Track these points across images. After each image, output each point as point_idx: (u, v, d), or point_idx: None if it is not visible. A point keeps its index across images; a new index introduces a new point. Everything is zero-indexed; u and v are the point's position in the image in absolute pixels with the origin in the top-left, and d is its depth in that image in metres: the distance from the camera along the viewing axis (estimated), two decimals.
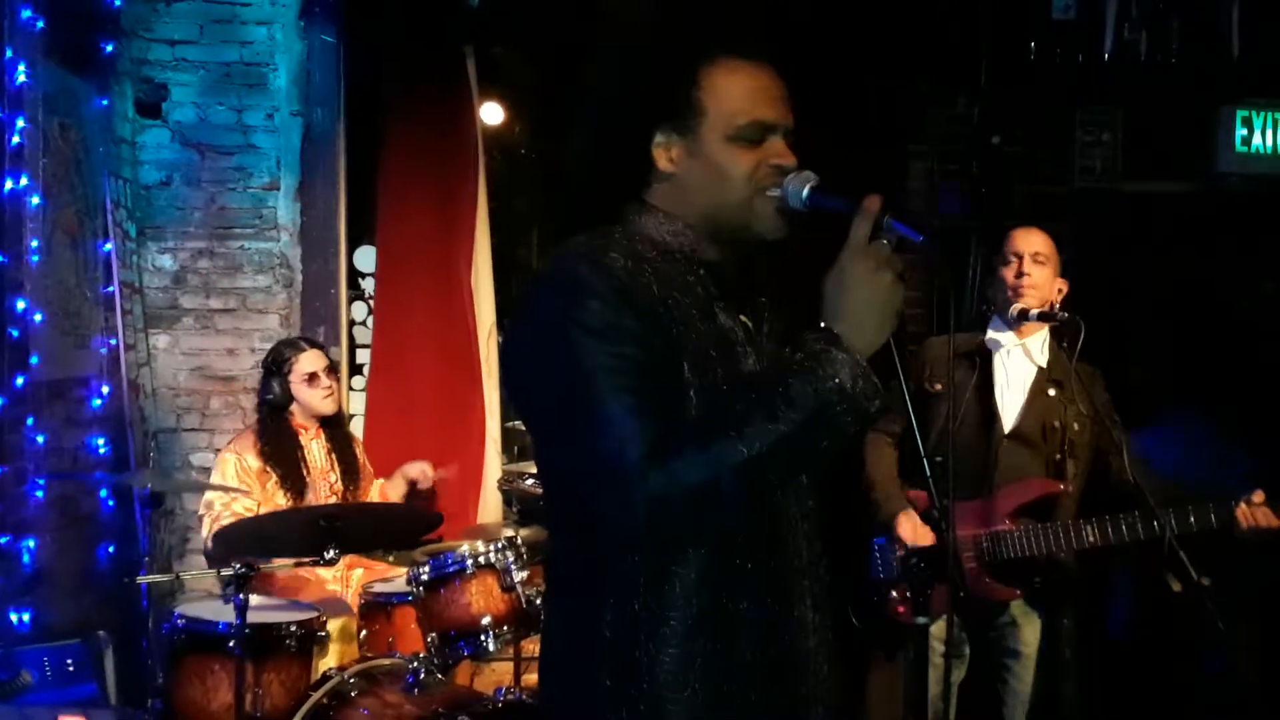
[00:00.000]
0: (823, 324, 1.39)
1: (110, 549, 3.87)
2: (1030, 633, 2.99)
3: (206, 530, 3.44)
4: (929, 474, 1.38)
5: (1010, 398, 2.95)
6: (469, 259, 4.63)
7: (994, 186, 5.04)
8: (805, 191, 1.46)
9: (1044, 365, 2.97)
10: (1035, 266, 2.96)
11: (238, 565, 2.78)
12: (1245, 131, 5.09)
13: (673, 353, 1.41)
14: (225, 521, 3.39)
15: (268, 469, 3.53)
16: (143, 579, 2.95)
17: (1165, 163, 5.13)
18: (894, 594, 2.79)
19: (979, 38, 4.81)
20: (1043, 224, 5.03)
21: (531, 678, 4.42)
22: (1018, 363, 2.98)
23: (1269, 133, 5.09)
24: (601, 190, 1.56)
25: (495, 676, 4.38)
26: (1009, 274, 2.95)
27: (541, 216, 6.40)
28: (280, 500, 3.53)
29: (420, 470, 3.79)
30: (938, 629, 2.73)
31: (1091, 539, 2.77)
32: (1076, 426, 2.91)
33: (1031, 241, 2.99)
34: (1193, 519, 2.68)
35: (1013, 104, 4.96)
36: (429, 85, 4.63)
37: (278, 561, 3.08)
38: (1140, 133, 5.10)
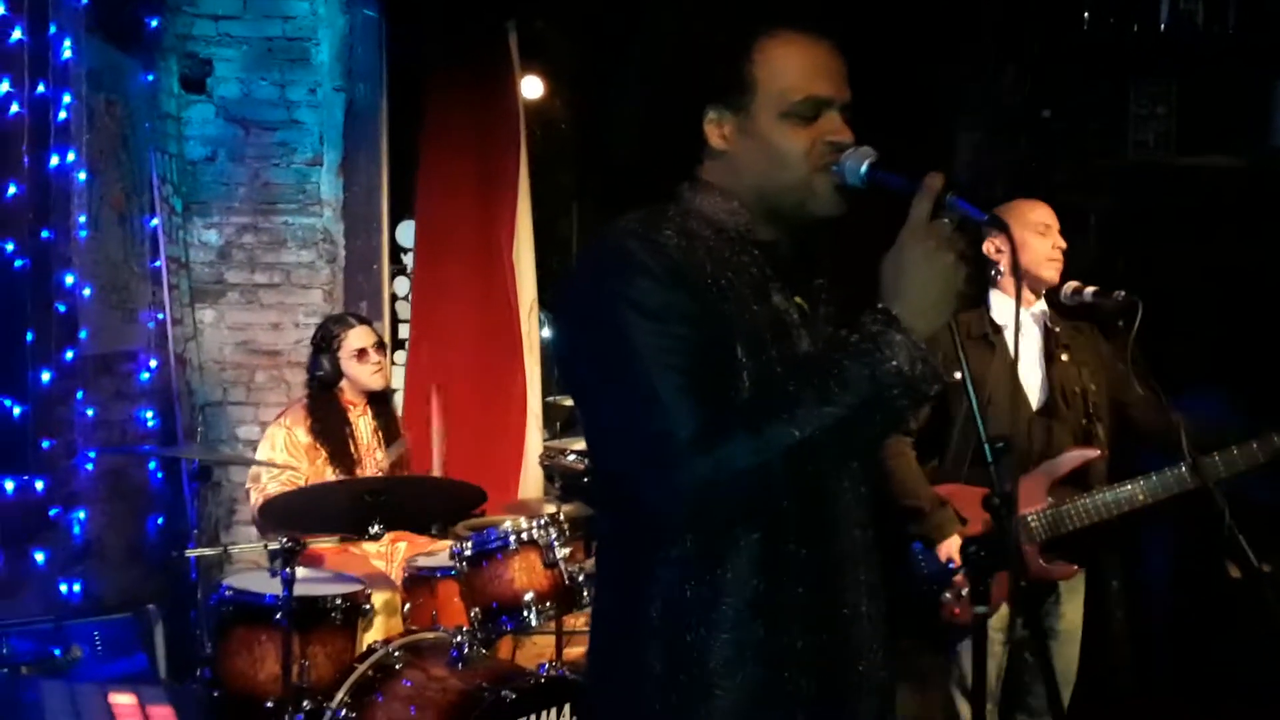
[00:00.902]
0: (880, 305, 1.36)
1: (159, 521, 3.92)
2: (1072, 609, 2.93)
3: (254, 501, 3.47)
4: (990, 460, 1.35)
5: (1029, 372, 2.88)
6: (510, 234, 4.61)
7: (1044, 160, 4.94)
8: (863, 168, 1.42)
9: (1055, 330, 2.89)
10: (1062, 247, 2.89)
11: (284, 540, 2.80)
12: None
13: (725, 334, 1.38)
14: (272, 491, 3.42)
15: (317, 445, 3.54)
16: (191, 552, 2.98)
17: (1220, 137, 5.01)
18: (947, 595, 2.72)
19: (1030, 8, 4.71)
20: (1095, 198, 4.98)
21: (573, 651, 4.44)
22: (1028, 335, 2.90)
23: None
24: (651, 167, 1.53)
25: (537, 650, 4.40)
26: (1044, 245, 2.84)
27: (581, 192, 6.37)
28: (329, 476, 3.54)
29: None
30: (997, 620, 2.68)
31: (1142, 498, 2.71)
32: (1094, 387, 2.85)
33: (1053, 216, 2.90)
34: (1240, 458, 2.65)
35: (1064, 76, 4.86)
36: (471, 60, 4.61)
37: (323, 537, 3.09)
38: (1195, 106, 4.97)
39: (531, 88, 5.02)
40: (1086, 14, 4.75)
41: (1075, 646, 2.93)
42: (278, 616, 2.90)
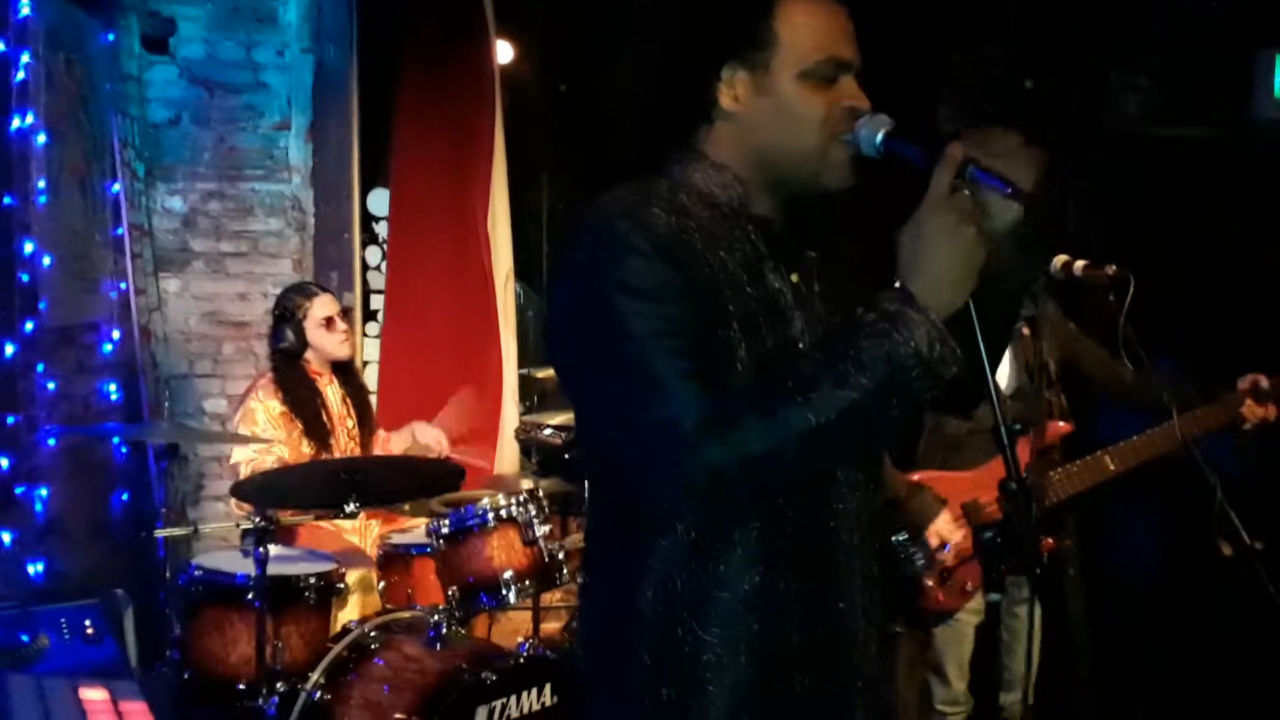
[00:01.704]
0: (897, 282, 1.29)
1: (124, 497, 3.82)
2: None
3: (246, 474, 3.38)
4: (1006, 443, 1.29)
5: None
6: (485, 203, 4.51)
7: (1025, 132, 4.90)
8: (879, 137, 1.36)
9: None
10: None
11: (257, 518, 2.72)
12: None
13: (719, 314, 1.32)
14: (269, 465, 3.34)
15: (291, 416, 3.47)
16: (160, 532, 2.89)
17: (1201, 108, 4.99)
18: (929, 584, 2.72)
19: None
20: (1075, 169, 4.95)
21: (549, 626, 4.40)
22: None
23: None
24: (653, 132, 1.45)
25: (513, 625, 4.36)
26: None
27: (551, 160, 6.27)
28: (305, 449, 3.47)
29: (435, 438, 3.70)
30: (975, 603, 2.69)
31: (1113, 466, 2.76)
32: (1051, 361, 2.87)
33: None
34: (1203, 416, 2.77)
35: (1046, 47, 4.81)
36: (445, 21, 4.48)
37: (297, 515, 3.02)
38: (1176, 77, 4.95)
39: (501, 52, 4.90)
40: None
41: (1038, 615, 2.97)
42: (250, 597, 2.83)
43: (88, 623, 1.76)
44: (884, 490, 2.64)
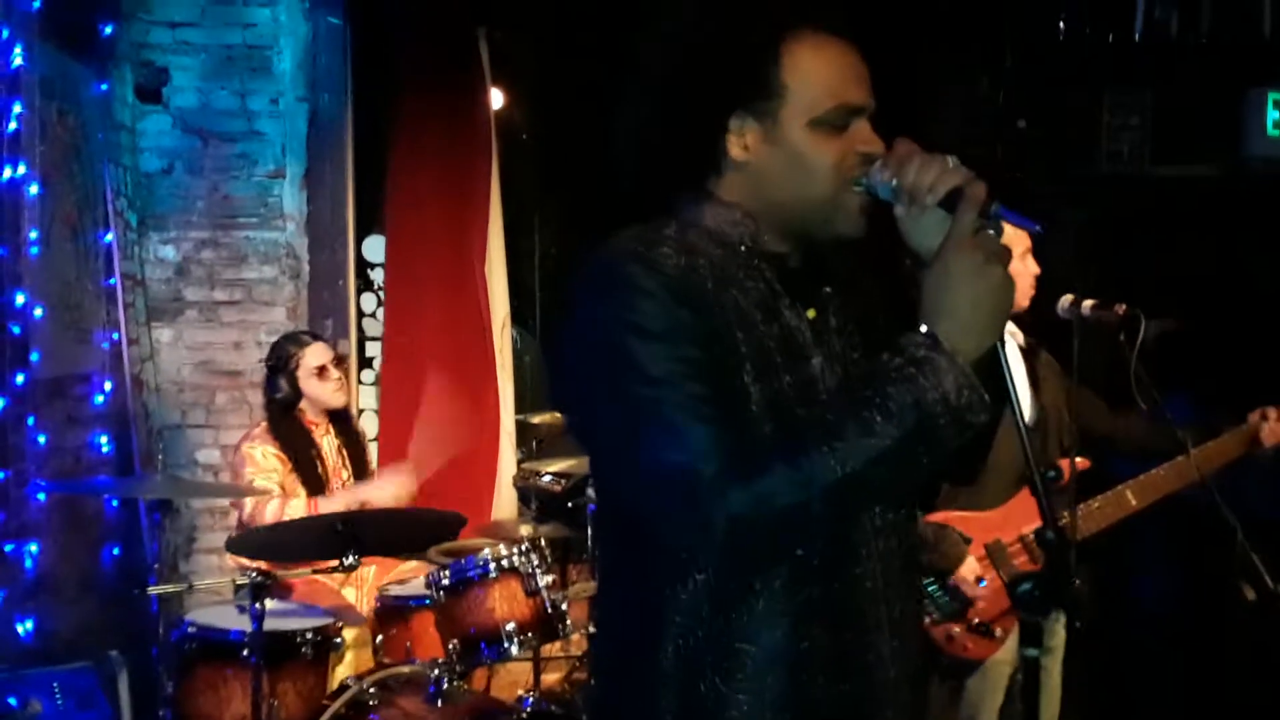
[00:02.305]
0: (924, 326, 1.25)
1: (115, 551, 3.74)
2: (1059, 625, 2.91)
3: (248, 512, 3.33)
4: (1041, 490, 1.25)
5: (1020, 388, 2.87)
6: (483, 249, 4.49)
7: (1019, 171, 4.92)
8: (896, 181, 1.32)
9: (1021, 346, 2.90)
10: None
11: (253, 573, 2.65)
12: (1277, 115, 4.96)
13: (732, 357, 1.28)
14: (274, 497, 3.29)
15: (288, 464, 3.44)
16: (153, 589, 2.81)
17: (1194, 146, 5.01)
18: (956, 631, 2.65)
19: (1006, 17, 4.69)
20: (1070, 207, 4.96)
21: (549, 678, 4.31)
22: (1012, 352, 2.89)
23: None
24: (660, 182, 1.41)
25: (512, 677, 4.27)
26: (1026, 274, 2.82)
27: (543, 202, 6.27)
28: (300, 494, 3.43)
29: (391, 496, 3.52)
30: (1004, 652, 2.63)
31: (1134, 501, 2.73)
32: (1059, 401, 2.87)
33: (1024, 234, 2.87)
34: (1215, 450, 2.74)
35: (1039, 86, 4.84)
36: (440, 69, 4.49)
37: (295, 569, 2.96)
38: (1170, 116, 4.97)
39: (494, 97, 4.90)
40: (1062, 23, 4.73)
41: (1060, 664, 2.91)
42: (245, 653, 2.75)
43: (81, 686, 1.69)
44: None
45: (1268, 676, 2.59)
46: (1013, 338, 2.89)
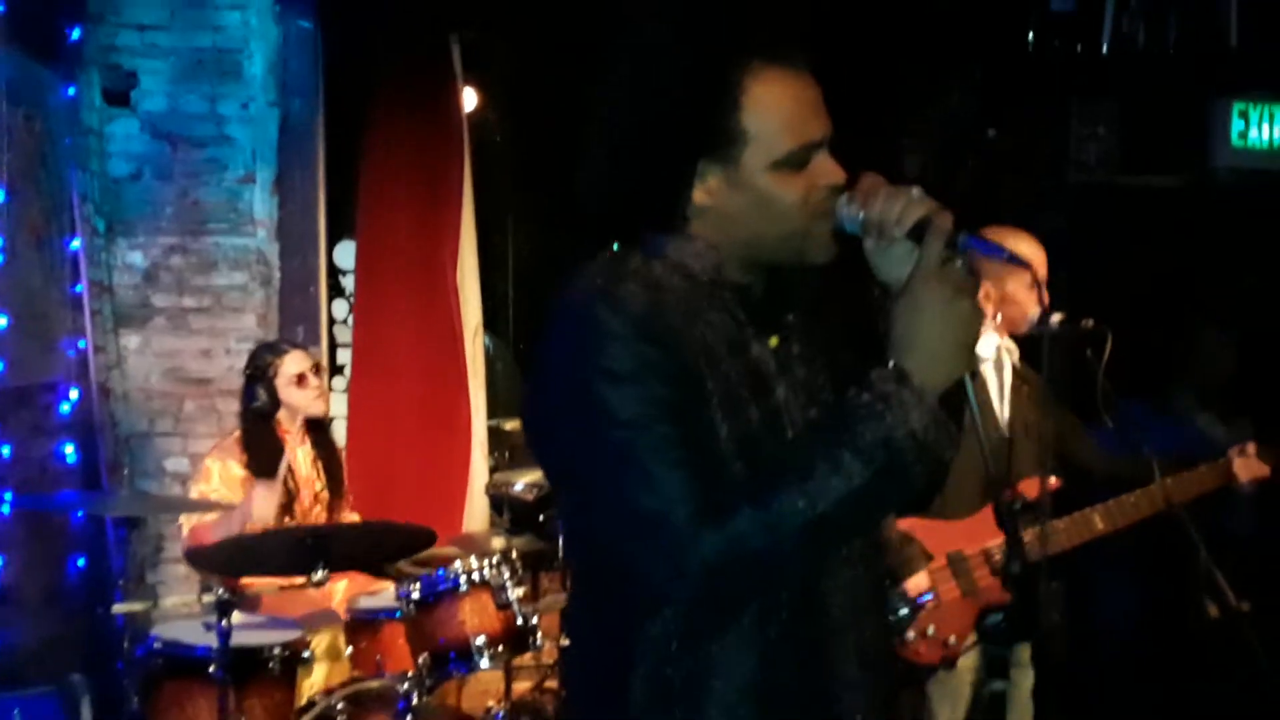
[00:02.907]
0: (891, 361, 1.26)
1: (80, 563, 3.70)
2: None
3: (187, 532, 3.30)
4: (1005, 522, 1.26)
5: (999, 400, 2.91)
6: (454, 255, 4.48)
7: (989, 180, 4.96)
8: (861, 214, 1.33)
9: (1016, 365, 2.93)
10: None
11: (220, 590, 2.62)
12: (1242, 125, 5.02)
13: (700, 395, 1.28)
14: (208, 519, 3.25)
15: (252, 480, 3.38)
16: (118, 608, 2.78)
17: (1161, 156, 5.06)
18: (911, 635, 2.68)
19: (976, 29, 4.72)
20: (1037, 217, 5.00)
21: (520, 686, 4.30)
22: (1003, 368, 2.92)
23: (1265, 127, 5.03)
24: (625, 226, 1.39)
25: (482, 686, 4.25)
26: (1030, 302, 2.85)
27: (517, 204, 6.25)
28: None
29: None
30: (969, 660, 2.65)
31: (1101, 524, 2.74)
32: (1044, 421, 2.89)
33: (1043, 260, 2.90)
34: (1192, 482, 2.75)
35: (1008, 96, 4.87)
36: (412, 74, 4.47)
37: (262, 584, 2.93)
38: (1136, 126, 5.02)
39: (466, 98, 4.88)
40: (1031, 34, 4.77)
41: (1031, 679, 2.94)
42: (211, 670, 2.73)
43: (42, 713, 1.67)
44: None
45: (1231, 693, 2.62)
46: (1009, 354, 2.91)
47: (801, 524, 1.19)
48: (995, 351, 2.90)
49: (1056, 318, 2.78)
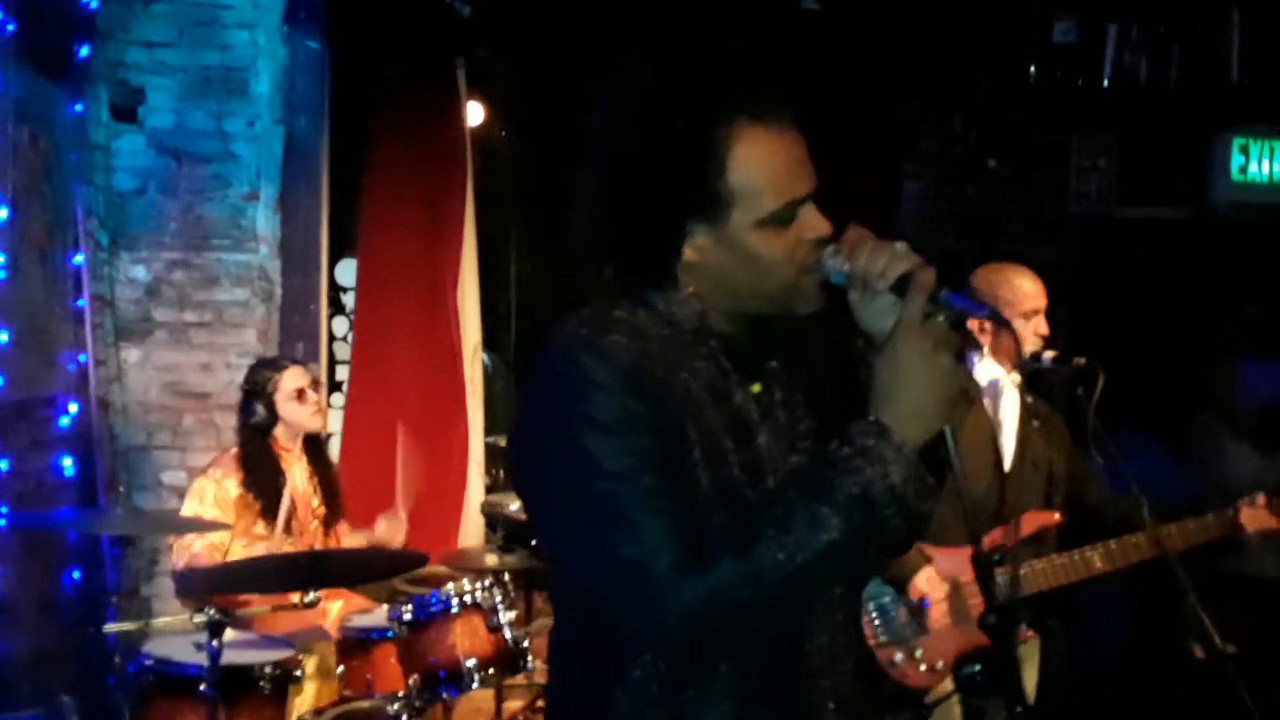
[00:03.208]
0: (871, 415, 1.27)
1: (76, 575, 3.71)
2: (1031, 672, 2.94)
3: (176, 561, 3.31)
4: (981, 573, 1.27)
5: (1005, 434, 2.91)
6: (455, 275, 4.50)
7: (989, 210, 4.98)
8: (847, 268, 1.35)
9: (1029, 400, 2.92)
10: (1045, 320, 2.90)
11: (211, 611, 2.64)
12: (1242, 160, 5.04)
13: (683, 446, 1.30)
14: (197, 549, 3.26)
15: (249, 498, 3.39)
16: (110, 628, 2.80)
17: (1161, 189, 5.09)
18: (899, 656, 2.68)
19: (978, 60, 4.75)
20: (1037, 247, 5.02)
21: (511, 705, 4.30)
22: (1008, 400, 2.92)
23: (1265, 162, 5.05)
24: (614, 281, 1.40)
25: (474, 705, 4.25)
26: (1029, 331, 2.85)
27: (519, 223, 6.28)
28: (260, 529, 3.40)
29: (394, 533, 3.55)
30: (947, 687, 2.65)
31: (1099, 565, 2.74)
32: (1057, 457, 2.90)
33: (1043, 294, 2.90)
34: (1195, 529, 2.73)
35: (1010, 127, 4.90)
36: (417, 96, 4.50)
37: (253, 607, 2.94)
38: (1137, 159, 5.05)
39: (472, 113, 4.91)
40: (1033, 67, 4.79)
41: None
42: (202, 688, 2.73)
43: None
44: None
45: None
46: (1015, 387, 2.91)
47: (781, 577, 1.21)
48: (995, 384, 2.91)
49: (1049, 355, 2.80)
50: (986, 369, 2.91)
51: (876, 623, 2.71)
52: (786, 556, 1.20)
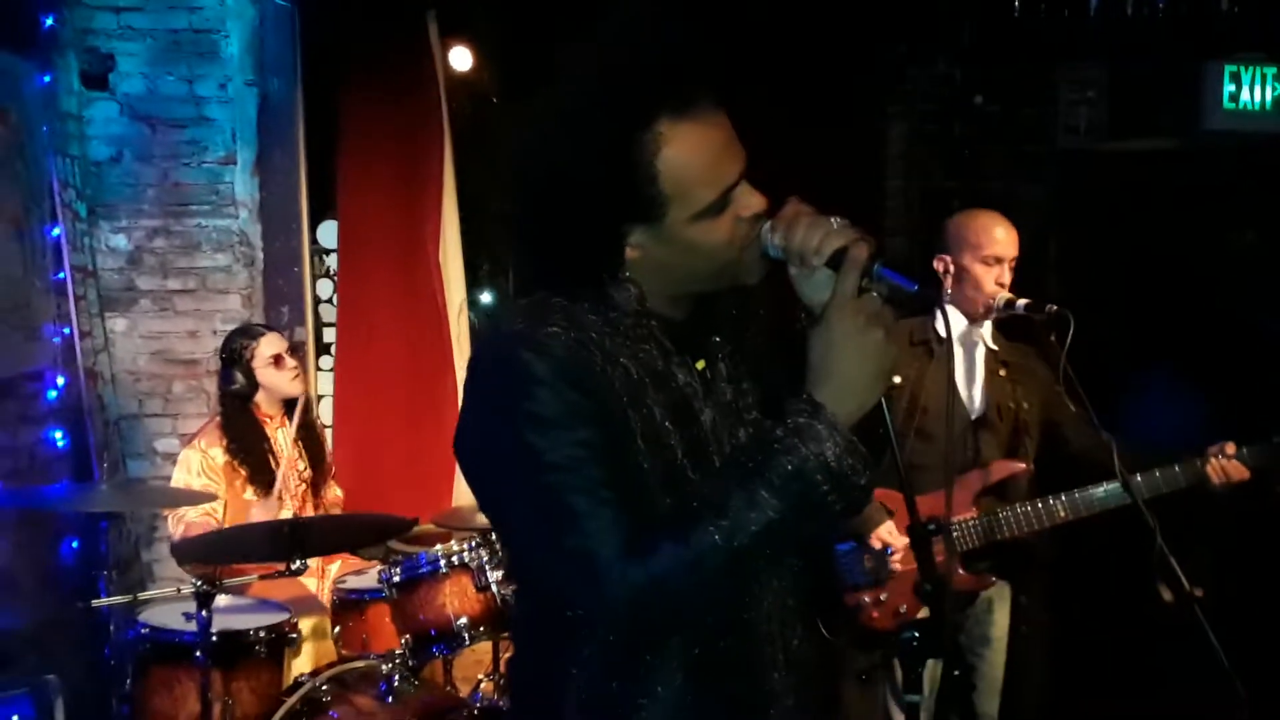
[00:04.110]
0: (805, 392, 1.28)
1: (74, 544, 3.76)
2: (1002, 615, 3.01)
3: (173, 531, 3.36)
4: (917, 544, 1.29)
5: (969, 384, 2.92)
6: (436, 234, 4.48)
7: (976, 147, 4.92)
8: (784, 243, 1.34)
9: (995, 349, 2.92)
10: (1010, 270, 2.87)
11: (200, 582, 2.68)
12: (1234, 87, 4.96)
13: (624, 434, 1.31)
14: (192, 518, 3.31)
15: (235, 464, 3.43)
16: (100, 601, 2.84)
17: (1151, 120, 5.02)
18: (866, 599, 2.74)
19: None
20: (1026, 183, 4.97)
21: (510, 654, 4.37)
22: (971, 349, 2.92)
23: (1258, 88, 4.97)
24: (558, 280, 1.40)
25: (475, 655, 4.31)
26: (989, 278, 2.84)
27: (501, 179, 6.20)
28: (249, 495, 3.44)
29: None
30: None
31: (1063, 514, 2.76)
32: (1026, 405, 2.89)
33: (1011, 244, 2.88)
34: (1161, 481, 2.69)
35: (995, 63, 4.82)
36: (390, 51, 4.44)
37: (243, 576, 2.99)
38: (1126, 90, 4.97)
39: (456, 58, 4.79)
40: (1018, 0, 4.70)
41: (1002, 656, 3.00)
42: (197, 654, 2.79)
43: (15, 716, 1.72)
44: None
45: (1183, 676, 2.66)
46: (981, 338, 2.90)
47: (721, 560, 1.23)
48: (960, 333, 2.90)
49: (1023, 302, 2.79)
50: (950, 319, 2.89)
51: (843, 568, 2.75)
52: (724, 539, 1.22)
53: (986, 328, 2.92)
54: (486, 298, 4.96)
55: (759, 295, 1.44)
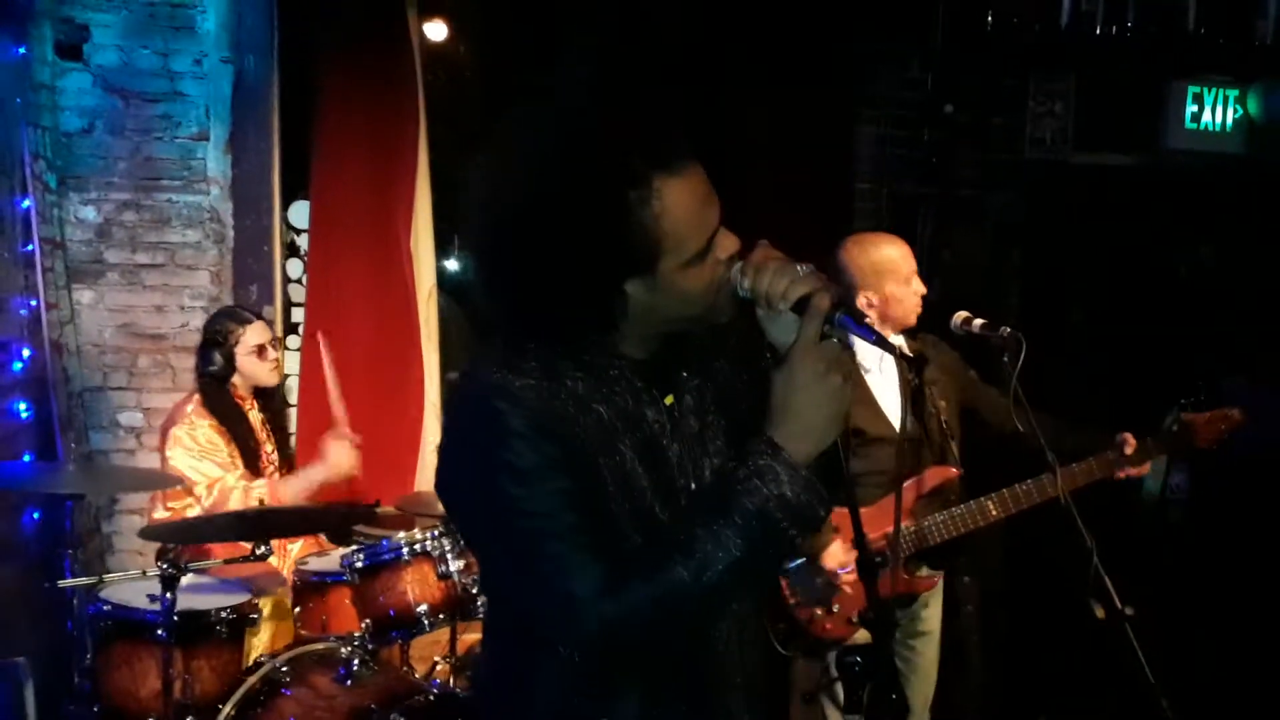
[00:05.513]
0: (766, 433, 1.35)
1: (36, 515, 3.77)
2: (935, 607, 3.13)
3: (208, 505, 3.33)
4: (864, 574, 1.37)
5: (891, 401, 3.00)
6: (408, 217, 4.48)
7: (945, 154, 5.00)
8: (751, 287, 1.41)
9: (905, 358, 3.00)
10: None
11: (164, 566, 2.71)
12: (1195, 108, 5.09)
13: (595, 477, 1.38)
14: (234, 504, 3.28)
15: (228, 438, 3.46)
16: (66, 583, 2.87)
17: (1116, 136, 5.13)
18: (818, 612, 2.83)
19: (936, 2, 4.73)
20: (993, 192, 5.07)
21: (470, 637, 4.43)
22: (889, 367, 3.01)
23: (1219, 110, 5.10)
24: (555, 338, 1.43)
25: (432, 636, 4.37)
26: (910, 296, 2.94)
27: (484, 143, 6.17)
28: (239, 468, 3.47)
29: (347, 457, 3.49)
30: (862, 636, 2.79)
31: (995, 512, 2.91)
32: (944, 404, 3.00)
33: (911, 257, 2.99)
34: (1079, 473, 2.90)
35: (966, 71, 4.90)
36: (367, 31, 4.42)
37: (207, 560, 3.02)
38: (1092, 104, 5.07)
39: (435, 31, 4.79)
40: (990, 11, 4.78)
41: (935, 646, 3.12)
42: (159, 632, 2.82)
43: None
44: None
45: (1111, 691, 2.79)
46: (894, 357, 2.97)
47: (689, 596, 1.30)
48: (878, 352, 2.98)
49: (979, 323, 2.87)
50: (866, 347, 2.95)
51: (794, 586, 2.84)
52: (692, 577, 1.30)
53: (899, 342, 2.98)
54: (454, 265, 4.96)
55: (729, 329, 1.51)
